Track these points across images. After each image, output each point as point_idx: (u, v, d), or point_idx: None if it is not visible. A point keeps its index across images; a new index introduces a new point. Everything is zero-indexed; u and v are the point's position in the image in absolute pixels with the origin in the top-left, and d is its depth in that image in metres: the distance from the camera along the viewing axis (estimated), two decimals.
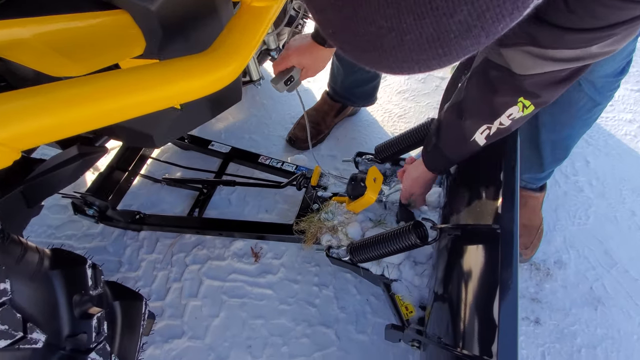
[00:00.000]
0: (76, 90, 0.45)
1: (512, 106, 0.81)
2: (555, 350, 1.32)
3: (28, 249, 0.74)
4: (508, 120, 0.83)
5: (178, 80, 0.54)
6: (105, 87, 0.48)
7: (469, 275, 0.93)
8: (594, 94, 1.11)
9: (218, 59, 0.58)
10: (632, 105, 2.06)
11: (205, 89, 0.58)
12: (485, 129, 0.88)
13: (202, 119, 0.88)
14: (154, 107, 0.54)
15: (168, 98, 0.54)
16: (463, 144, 0.93)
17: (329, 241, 1.26)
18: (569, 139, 1.27)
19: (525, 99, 0.78)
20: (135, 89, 0.50)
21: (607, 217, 1.64)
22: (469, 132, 0.90)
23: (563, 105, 1.18)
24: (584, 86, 1.10)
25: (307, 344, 1.28)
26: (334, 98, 1.76)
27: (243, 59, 0.60)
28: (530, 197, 1.52)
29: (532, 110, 0.81)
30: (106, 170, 1.43)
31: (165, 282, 1.38)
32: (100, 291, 0.81)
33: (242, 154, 1.58)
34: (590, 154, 1.84)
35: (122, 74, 0.51)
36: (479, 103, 0.86)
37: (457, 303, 0.93)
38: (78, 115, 0.45)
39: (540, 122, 1.26)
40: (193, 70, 0.55)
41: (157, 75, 0.52)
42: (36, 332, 0.67)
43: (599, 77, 1.07)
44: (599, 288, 1.46)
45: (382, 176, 1.22)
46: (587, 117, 1.19)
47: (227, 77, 0.59)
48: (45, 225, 1.49)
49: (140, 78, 0.51)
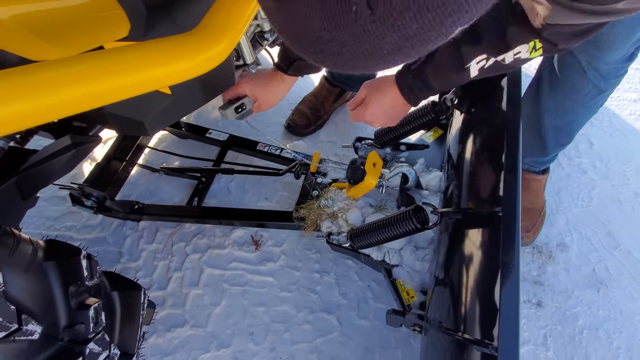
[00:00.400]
0: (53, 73, 0.43)
1: (524, 44, 0.77)
2: (557, 332, 1.32)
3: (21, 240, 0.73)
4: (512, 57, 0.80)
5: (163, 61, 0.52)
6: (84, 69, 0.45)
7: (470, 259, 0.92)
8: (599, 81, 1.08)
9: (206, 38, 0.56)
10: (638, 84, 2.02)
11: (194, 70, 0.56)
12: (483, 60, 0.83)
13: (194, 105, 0.86)
14: (139, 90, 0.52)
15: (153, 80, 0.52)
16: (454, 71, 0.87)
17: (329, 228, 1.25)
18: (572, 124, 1.24)
19: (540, 41, 0.76)
20: (118, 71, 0.48)
21: (611, 199, 1.63)
22: (467, 58, 0.84)
23: (566, 92, 1.15)
24: (589, 73, 1.07)
25: (309, 330, 1.28)
26: (332, 83, 1.73)
27: (232, 38, 0.58)
28: (533, 180, 1.50)
29: (538, 55, 0.78)
30: (103, 160, 1.41)
31: (166, 271, 1.38)
32: (96, 281, 0.81)
33: (241, 141, 1.56)
34: (595, 135, 1.82)
35: (103, 54, 0.49)
36: (494, 30, 0.80)
37: (458, 287, 0.92)
38: (55, 99, 0.43)
39: (543, 107, 1.23)
40: (180, 50, 0.53)
41: (140, 56, 0.50)
42: (32, 324, 0.67)
43: (605, 64, 1.04)
44: (601, 270, 1.45)
45: (382, 161, 1.21)
46: (592, 104, 1.16)
47: (216, 57, 0.57)
48: (44, 217, 1.48)
49: (123, 59, 0.49)
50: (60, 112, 0.45)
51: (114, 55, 0.49)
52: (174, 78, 0.55)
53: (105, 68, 0.47)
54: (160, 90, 0.73)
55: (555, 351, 1.29)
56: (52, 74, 0.43)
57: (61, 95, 0.43)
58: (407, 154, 1.42)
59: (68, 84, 0.44)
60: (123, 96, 0.52)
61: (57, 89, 0.43)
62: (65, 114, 0.45)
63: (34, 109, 0.42)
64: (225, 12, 0.59)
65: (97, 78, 0.46)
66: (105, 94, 0.49)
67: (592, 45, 1.01)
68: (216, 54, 0.57)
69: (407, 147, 1.43)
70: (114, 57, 0.49)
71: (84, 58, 0.47)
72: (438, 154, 1.41)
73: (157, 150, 1.62)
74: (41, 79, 0.42)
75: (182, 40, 0.55)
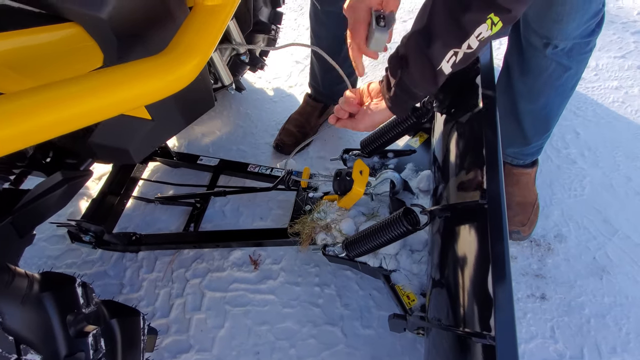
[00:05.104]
0: (26, 101, 0.46)
1: (482, 24, 0.77)
2: (564, 324, 1.31)
3: (16, 274, 0.74)
4: (476, 41, 0.80)
5: (135, 82, 0.54)
6: (56, 96, 0.48)
7: (462, 254, 0.93)
8: (562, 58, 1.11)
9: (175, 59, 0.59)
10: (617, 72, 2.06)
11: (165, 89, 0.58)
12: (452, 56, 0.83)
13: (176, 128, 0.89)
14: (112, 112, 0.54)
15: (125, 101, 0.54)
16: (430, 75, 0.86)
17: (324, 239, 1.26)
18: (547, 109, 1.26)
19: (495, 15, 0.76)
20: (91, 94, 0.50)
21: (603, 186, 1.64)
22: (436, 60, 0.84)
23: (534, 73, 1.18)
24: (547, 51, 1.10)
25: (314, 344, 1.28)
26: (316, 98, 1.77)
27: (201, 58, 0.61)
28: (522, 174, 1.52)
29: (500, 28, 0.78)
30: (99, 195, 1.44)
31: (167, 299, 1.39)
32: (93, 308, 0.82)
33: (231, 164, 1.59)
34: (580, 125, 1.84)
35: (76, 80, 0.51)
36: (447, 24, 0.80)
37: (454, 283, 0.93)
38: (29, 125, 0.46)
39: (516, 92, 1.26)
40: (150, 71, 0.56)
41: (111, 79, 0.53)
42: (31, 354, 0.68)
43: (565, 40, 1.06)
44: (602, 257, 1.45)
45: (368, 168, 1.23)
46: (560, 85, 1.18)
47: (186, 76, 0.60)
48: (44, 256, 1.50)
49: (95, 83, 0.51)
50: (38, 137, 0.47)
51: (89, 79, 0.52)
52: (148, 97, 0.57)
53: (82, 92, 0.50)
54: (141, 117, 0.76)
55: (565, 342, 1.28)
56: (21, 102, 0.45)
57: (39, 120, 0.45)
58: (395, 161, 1.44)
59: (35, 110, 0.46)
60: (100, 118, 0.54)
61: (36, 114, 0.45)
62: (42, 139, 0.47)
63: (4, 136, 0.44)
64: (193, 33, 0.63)
65: (67, 102, 0.48)
66: (83, 117, 0.51)
67: (550, 19, 1.04)
68: (187, 73, 0.60)
69: (394, 154, 1.45)
70: (89, 81, 0.52)
71: (55, 84, 0.49)
72: (425, 158, 1.44)
73: (151, 181, 1.65)
74: (9, 108, 0.44)
75: (155, 61, 0.58)
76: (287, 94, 2.04)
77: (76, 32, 0.60)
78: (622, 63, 2.10)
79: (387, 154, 1.44)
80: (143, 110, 0.76)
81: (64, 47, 0.58)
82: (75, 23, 0.61)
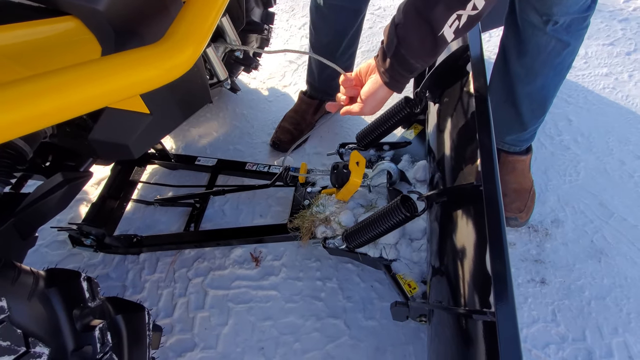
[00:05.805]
0: (24, 88, 0.47)
1: None
2: (565, 307, 1.32)
3: (22, 271, 0.75)
4: (482, 1, 0.73)
5: (132, 70, 0.56)
6: (53, 83, 0.49)
7: (460, 236, 0.95)
8: (562, 34, 1.13)
9: (171, 47, 0.60)
10: (606, 59, 2.09)
11: (162, 77, 0.60)
12: (455, 20, 0.77)
13: (174, 122, 0.90)
14: (110, 98, 0.56)
15: (124, 88, 0.56)
16: (430, 42, 0.80)
17: (324, 232, 1.27)
18: (544, 90, 1.28)
19: None
20: (88, 81, 0.52)
21: (598, 170, 1.66)
22: (438, 24, 0.77)
23: (533, 53, 1.20)
24: (548, 27, 1.12)
25: (318, 337, 1.29)
26: (311, 95, 1.79)
27: (196, 47, 0.63)
28: (518, 161, 1.54)
29: None
30: (99, 199, 1.45)
31: (171, 298, 1.39)
32: (99, 302, 0.83)
33: (229, 164, 1.60)
34: (572, 112, 1.86)
35: (73, 67, 0.53)
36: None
37: (453, 266, 0.94)
38: (26, 112, 0.47)
39: (514, 75, 1.28)
40: (147, 59, 0.57)
41: (110, 66, 0.54)
42: (39, 346, 0.68)
43: (565, 15, 1.08)
44: (599, 240, 1.47)
45: (364, 159, 1.24)
46: (559, 63, 1.20)
47: (182, 64, 0.61)
48: (46, 262, 1.50)
49: (93, 69, 0.53)
50: (33, 125, 0.48)
51: (86, 67, 0.53)
52: (143, 86, 0.59)
53: (79, 79, 0.51)
54: (139, 111, 0.78)
55: (567, 325, 1.29)
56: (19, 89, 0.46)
57: (34, 108, 0.47)
58: (391, 153, 1.46)
59: (31, 97, 0.47)
60: (99, 105, 0.55)
61: (31, 102, 0.46)
62: (38, 127, 0.48)
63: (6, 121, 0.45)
64: (188, 22, 0.64)
65: (63, 89, 0.49)
66: (81, 104, 0.53)
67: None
68: (182, 61, 0.61)
69: (390, 147, 1.47)
70: (86, 69, 0.53)
71: (52, 72, 0.51)
72: (421, 149, 1.45)
73: (150, 183, 1.66)
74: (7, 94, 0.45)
75: (151, 50, 0.59)
76: (282, 93, 2.06)
77: (74, 25, 0.62)
78: (610, 50, 2.13)
79: (383, 146, 1.46)
80: (141, 105, 0.77)
81: (63, 40, 0.60)
82: (73, 16, 0.62)
